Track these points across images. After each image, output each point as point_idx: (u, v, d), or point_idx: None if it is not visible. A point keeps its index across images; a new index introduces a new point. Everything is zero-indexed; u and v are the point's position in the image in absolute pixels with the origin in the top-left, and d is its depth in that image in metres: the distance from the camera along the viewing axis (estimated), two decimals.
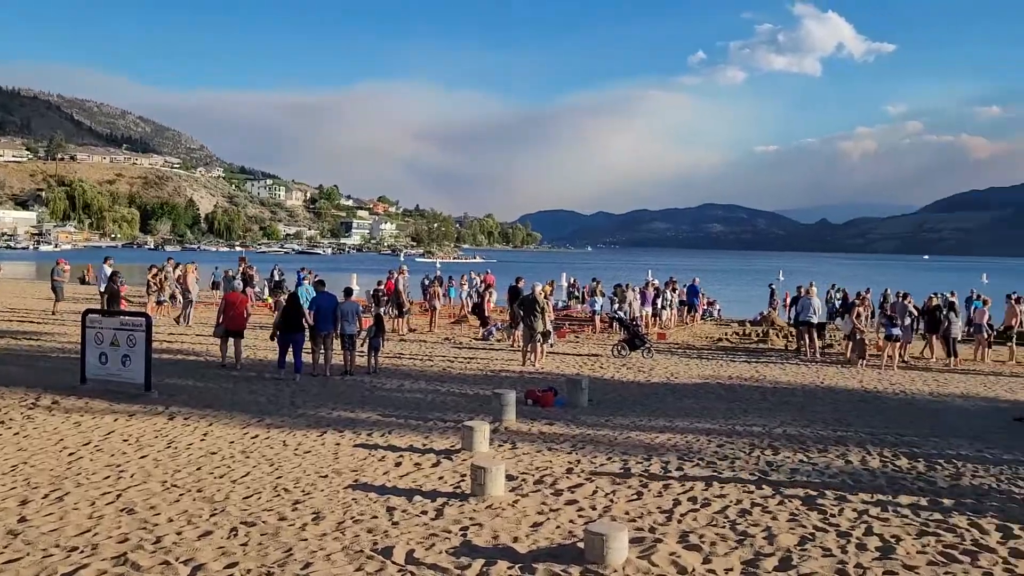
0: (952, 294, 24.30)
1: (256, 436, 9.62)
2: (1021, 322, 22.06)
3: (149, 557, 5.65)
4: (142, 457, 8.44)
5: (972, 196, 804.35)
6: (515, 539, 6.16)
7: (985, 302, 22.27)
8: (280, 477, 7.84)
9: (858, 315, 19.67)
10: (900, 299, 21.55)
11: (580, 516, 6.78)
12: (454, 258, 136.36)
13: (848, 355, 19.75)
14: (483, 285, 29.22)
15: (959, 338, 20.48)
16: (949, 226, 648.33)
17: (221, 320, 15.09)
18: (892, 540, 6.30)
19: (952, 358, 19.63)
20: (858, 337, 19.35)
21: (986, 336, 20.85)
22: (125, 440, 9.17)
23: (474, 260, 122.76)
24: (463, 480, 7.72)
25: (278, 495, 7.25)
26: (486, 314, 23.74)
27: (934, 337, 20.89)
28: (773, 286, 33.24)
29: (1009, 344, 21.46)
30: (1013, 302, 25.62)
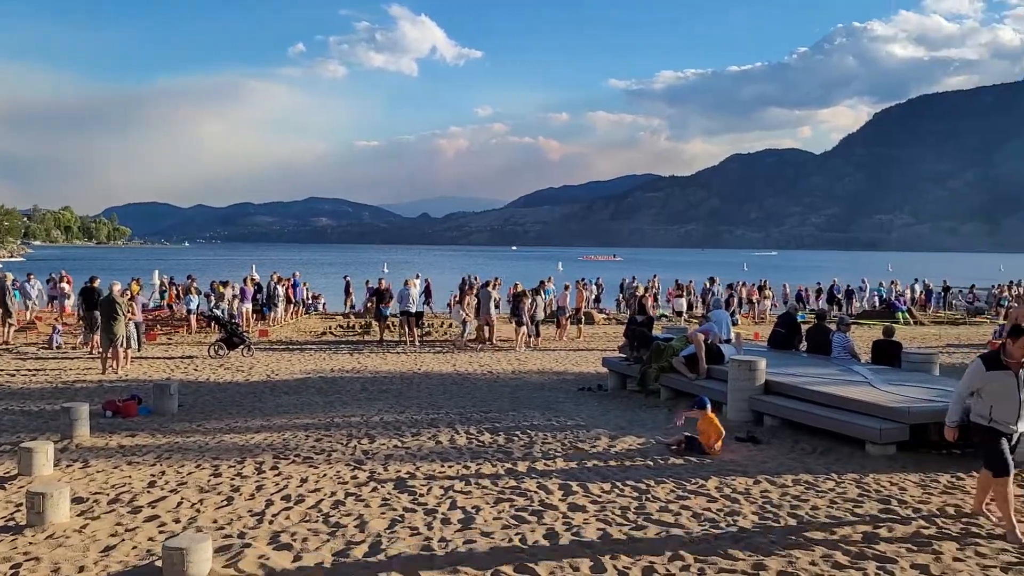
0: (549, 280, 27.29)
1: None
2: (588, 303, 25.53)
3: None
4: None
5: (549, 193, 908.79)
6: (81, 569, 5.47)
7: (566, 287, 25.20)
8: None
9: (468, 303, 21.14)
10: (485, 287, 23.43)
11: (161, 532, 6.24)
12: (20, 256, 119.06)
13: (462, 340, 21.11)
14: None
15: (542, 320, 22.84)
16: (531, 219, 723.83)
17: None
18: (473, 511, 6.77)
19: (535, 338, 21.86)
20: (468, 323, 20.91)
21: (567, 317, 23.60)
22: None
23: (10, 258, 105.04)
24: (18, 510, 6.68)
25: None
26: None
27: (516, 320, 23.05)
28: (348, 278, 34.20)
29: (578, 324, 24.63)
30: (580, 287, 29.40)
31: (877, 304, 35.67)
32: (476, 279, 30.73)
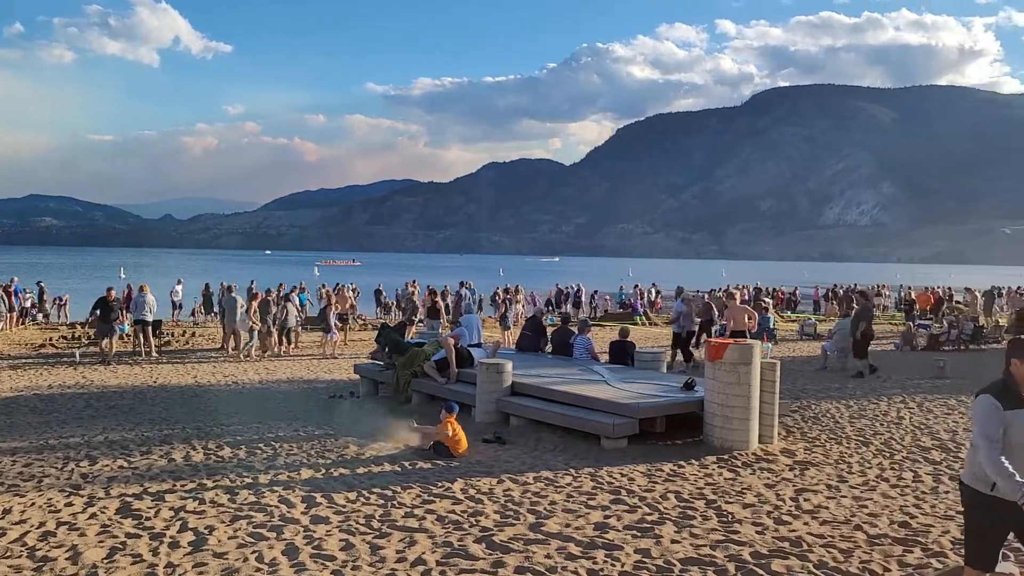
0: (302, 284, 26.49)
1: None
2: (352, 306, 25.35)
3: None
4: None
5: (306, 195, 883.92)
6: None
7: (328, 292, 24.65)
8: None
9: (254, 311, 20.15)
10: (229, 292, 22.32)
11: None
12: None
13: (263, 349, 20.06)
14: None
15: (294, 327, 22.10)
16: (287, 223, 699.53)
17: None
18: (206, 531, 6.33)
19: (289, 345, 21.15)
20: (265, 330, 20.03)
21: (334, 324, 23.07)
22: None
23: None
24: None
25: None
26: None
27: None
28: (42, 284, 31.43)
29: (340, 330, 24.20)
30: (338, 291, 28.95)
31: (610, 307, 38.75)
32: (243, 285, 29.29)
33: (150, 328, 19.79)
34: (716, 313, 20.46)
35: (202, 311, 32.25)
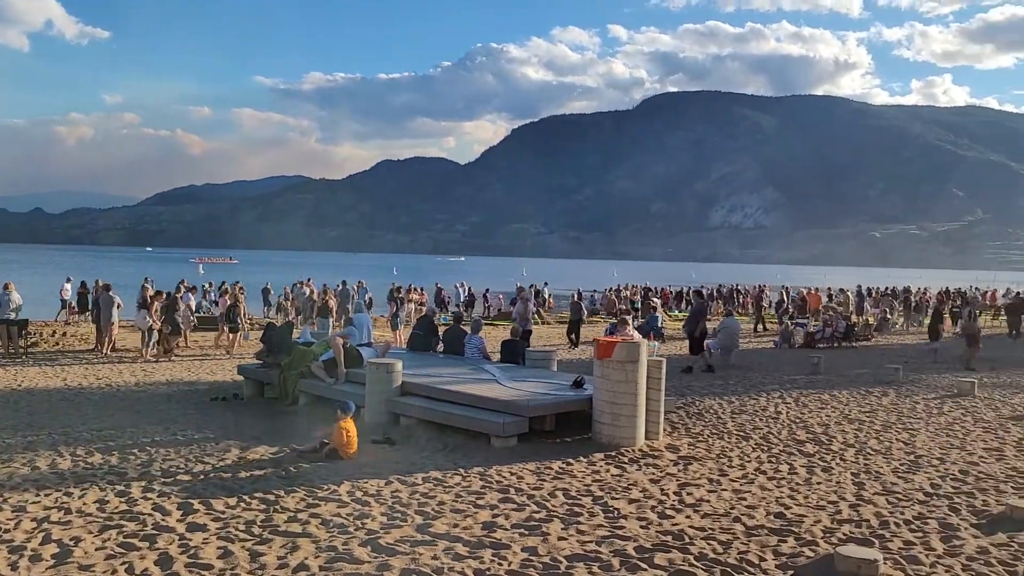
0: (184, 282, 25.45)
1: None
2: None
3: None
4: None
5: (191, 190, 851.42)
6: None
7: (224, 291, 23.83)
8: None
9: (155, 310, 19.28)
10: (107, 291, 21.29)
11: None
12: None
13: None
14: None
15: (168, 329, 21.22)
16: (170, 219, 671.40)
17: None
18: (71, 543, 5.97)
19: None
20: (168, 330, 19.25)
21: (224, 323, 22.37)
22: None
23: None
24: None
25: None
26: None
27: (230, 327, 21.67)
28: None
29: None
30: (237, 291, 27.99)
31: (503, 306, 39.12)
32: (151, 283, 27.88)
33: (15, 328, 18.61)
34: (585, 313, 21.11)
35: (76, 310, 30.77)
